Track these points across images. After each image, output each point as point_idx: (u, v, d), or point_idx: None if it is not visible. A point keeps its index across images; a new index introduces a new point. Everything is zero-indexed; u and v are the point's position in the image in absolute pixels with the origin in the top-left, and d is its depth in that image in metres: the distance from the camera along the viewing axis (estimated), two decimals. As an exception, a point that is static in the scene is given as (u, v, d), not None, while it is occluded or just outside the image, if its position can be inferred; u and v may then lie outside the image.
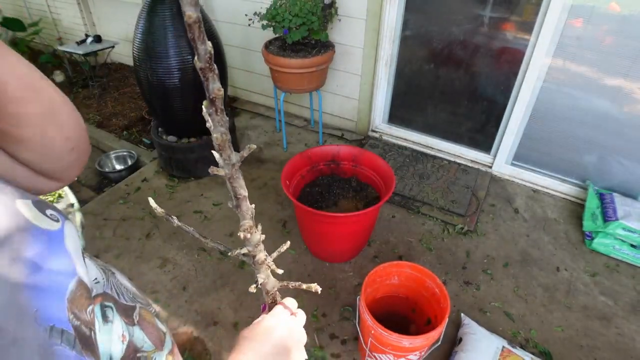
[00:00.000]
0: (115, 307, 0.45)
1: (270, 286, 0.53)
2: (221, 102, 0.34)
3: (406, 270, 1.52)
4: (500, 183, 2.49)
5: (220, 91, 0.33)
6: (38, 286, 0.31)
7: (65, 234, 0.38)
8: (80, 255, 0.39)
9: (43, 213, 0.37)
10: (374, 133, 2.89)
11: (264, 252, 0.49)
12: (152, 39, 2.10)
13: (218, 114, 0.34)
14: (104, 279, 0.47)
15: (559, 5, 1.93)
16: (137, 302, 0.52)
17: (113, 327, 0.42)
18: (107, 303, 0.43)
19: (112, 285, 0.48)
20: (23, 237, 0.32)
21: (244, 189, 0.42)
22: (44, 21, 4.23)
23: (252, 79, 3.21)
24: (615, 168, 2.21)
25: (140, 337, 0.47)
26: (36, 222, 0.35)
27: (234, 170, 0.39)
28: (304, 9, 2.19)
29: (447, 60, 2.45)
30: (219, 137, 0.35)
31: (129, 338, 0.45)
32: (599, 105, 2.10)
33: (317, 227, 1.82)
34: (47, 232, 0.35)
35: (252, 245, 0.47)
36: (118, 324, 0.44)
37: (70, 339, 0.32)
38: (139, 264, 1.97)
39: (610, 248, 1.98)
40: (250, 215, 0.45)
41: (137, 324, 0.48)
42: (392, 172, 1.80)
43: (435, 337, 1.31)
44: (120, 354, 0.42)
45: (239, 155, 0.38)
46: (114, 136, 2.99)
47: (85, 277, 0.38)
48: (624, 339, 1.66)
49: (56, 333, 0.31)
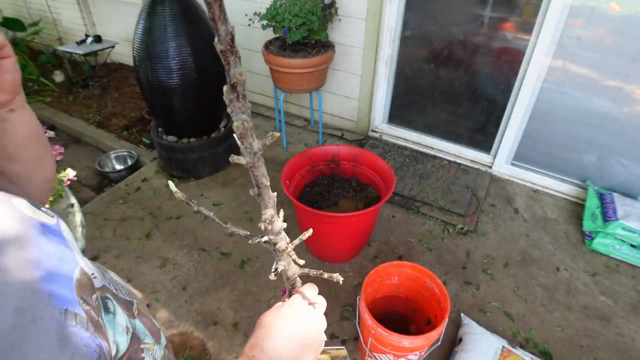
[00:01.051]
0: (115, 300, 0.46)
1: (291, 273, 0.53)
2: (243, 87, 0.32)
3: (406, 270, 1.52)
4: (500, 183, 2.49)
5: (242, 76, 0.31)
6: (48, 273, 0.33)
7: (61, 227, 0.40)
8: (77, 248, 0.42)
9: (39, 209, 0.39)
10: (374, 133, 2.89)
11: (285, 240, 0.49)
12: (152, 39, 2.10)
13: (240, 100, 0.32)
14: (100, 274, 0.48)
15: (559, 5, 1.93)
16: (133, 298, 0.53)
17: (117, 319, 0.43)
18: (107, 295, 0.45)
19: (108, 281, 0.50)
20: (27, 230, 0.34)
21: (266, 177, 0.41)
22: (44, 21, 4.23)
23: (252, 79, 3.21)
24: (615, 168, 2.21)
25: (141, 329, 0.49)
26: (36, 216, 0.37)
27: (255, 159, 0.37)
28: (304, 9, 2.19)
29: (447, 60, 2.45)
30: (240, 125, 0.33)
31: (132, 330, 0.46)
32: (599, 105, 2.10)
33: (317, 227, 1.81)
34: (47, 225, 0.37)
35: (274, 234, 0.47)
36: (121, 316, 0.45)
37: (83, 321, 0.33)
38: (139, 264, 1.97)
39: (610, 248, 1.98)
40: (272, 203, 0.44)
41: (137, 317, 0.50)
42: (392, 172, 1.80)
43: (435, 337, 1.31)
44: (126, 345, 0.43)
45: (260, 143, 0.36)
46: (114, 136, 2.99)
47: (85, 268, 0.40)
48: (624, 339, 1.66)
49: (70, 315, 0.32)
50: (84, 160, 2.82)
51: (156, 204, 2.33)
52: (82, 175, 2.66)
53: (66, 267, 0.36)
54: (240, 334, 1.66)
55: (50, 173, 0.56)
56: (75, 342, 0.31)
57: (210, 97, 2.36)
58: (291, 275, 0.54)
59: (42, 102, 3.44)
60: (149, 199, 2.37)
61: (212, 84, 2.30)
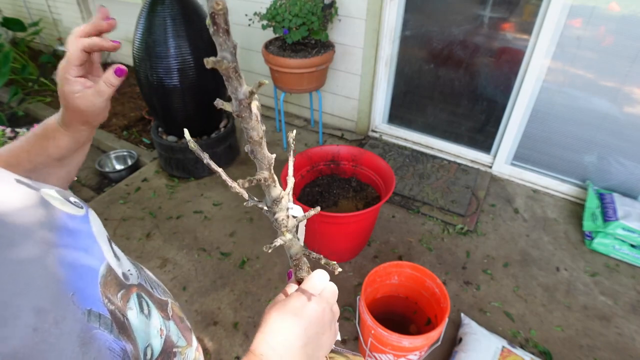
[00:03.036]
0: (150, 300, 0.44)
1: (294, 251, 0.48)
2: (223, 19, 0.28)
3: (406, 270, 1.52)
4: (500, 183, 2.49)
5: (218, 5, 0.27)
6: (72, 269, 0.31)
7: (90, 219, 0.38)
8: (107, 241, 0.40)
9: (67, 200, 0.38)
10: (374, 133, 2.89)
11: (285, 212, 0.43)
12: (152, 38, 2.10)
13: (221, 34, 0.29)
14: (137, 271, 0.46)
15: (558, 5, 1.93)
16: (167, 297, 0.51)
17: (152, 321, 0.42)
18: (143, 294, 0.43)
19: (144, 278, 0.48)
20: (53, 222, 0.33)
21: (258, 131, 0.36)
22: (44, 21, 4.23)
23: (252, 79, 3.21)
24: (615, 168, 2.21)
25: (175, 332, 0.47)
26: (63, 207, 0.35)
27: (241, 107, 0.33)
28: (304, 9, 2.20)
29: (447, 60, 2.45)
30: (223, 63, 0.29)
31: (166, 332, 0.44)
32: (599, 105, 2.10)
33: (317, 227, 1.82)
34: (74, 217, 0.36)
35: (271, 201, 0.42)
36: (156, 318, 0.43)
37: (108, 322, 0.32)
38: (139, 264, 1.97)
39: (610, 248, 1.98)
40: (268, 165, 0.39)
41: (172, 319, 0.48)
42: (392, 172, 1.80)
43: (435, 337, 1.31)
44: (159, 348, 0.41)
45: (247, 90, 0.32)
46: (114, 136, 2.99)
47: (113, 263, 0.38)
48: (623, 339, 1.66)
49: (94, 317, 0.30)
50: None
51: (156, 204, 2.33)
52: (82, 175, 2.66)
53: (92, 262, 0.34)
54: (240, 334, 1.66)
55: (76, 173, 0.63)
56: (98, 345, 0.30)
57: (210, 96, 2.36)
58: (294, 253, 0.49)
59: (42, 102, 3.44)
60: (149, 199, 2.37)
61: (212, 84, 2.30)
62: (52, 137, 0.53)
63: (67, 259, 0.31)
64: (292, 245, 0.47)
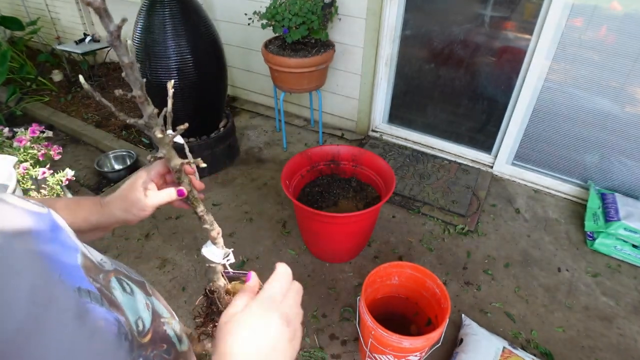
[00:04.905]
0: (130, 280, 0.47)
1: (174, 164, 0.53)
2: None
3: (406, 270, 1.51)
4: (501, 183, 2.48)
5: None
6: (52, 256, 0.33)
7: (53, 215, 0.40)
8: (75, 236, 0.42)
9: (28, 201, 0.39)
10: (374, 133, 2.88)
11: (160, 127, 0.49)
12: (151, 38, 2.09)
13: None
14: (109, 260, 0.49)
15: (560, 4, 1.92)
16: (143, 279, 0.55)
17: (136, 297, 0.44)
18: (121, 277, 0.46)
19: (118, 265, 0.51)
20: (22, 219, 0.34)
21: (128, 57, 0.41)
22: (43, 20, 4.21)
23: (251, 79, 3.19)
24: (617, 168, 2.20)
25: (158, 305, 0.50)
26: (26, 206, 0.37)
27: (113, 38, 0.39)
28: (303, 8, 2.18)
29: (447, 59, 2.44)
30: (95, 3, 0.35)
31: (152, 306, 0.47)
32: (601, 104, 2.09)
33: (317, 227, 1.81)
34: (39, 214, 0.38)
35: (147, 117, 0.47)
36: (140, 295, 0.46)
37: (97, 297, 0.34)
38: (138, 264, 1.96)
39: (612, 248, 1.97)
40: (140, 86, 0.44)
41: (152, 295, 0.51)
42: (392, 172, 1.79)
43: (436, 337, 1.30)
44: (150, 319, 0.44)
45: (116, 24, 0.38)
46: (112, 136, 2.98)
47: (87, 252, 0.41)
48: (625, 340, 1.65)
49: (84, 293, 0.33)
50: (82, 160, 2.80)
51: (155, 204, 2.32)
52: (81, 175, 2.65)
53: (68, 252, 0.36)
54: (239, 335, 1.65)
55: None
56: (94, 316, 0.32)
57: (210, 97, 2.35)
58: (174, 166, 0.53)
59: (41, 102, 3.43)
60: (148, 199, 2.36)
61: (211, 84, 2.29)
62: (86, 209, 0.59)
63: (46, 250, 0.33)
64: (171, 158, 0.52)
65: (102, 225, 0.60)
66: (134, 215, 0.59)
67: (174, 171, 0.55)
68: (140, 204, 0.58)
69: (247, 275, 0.50)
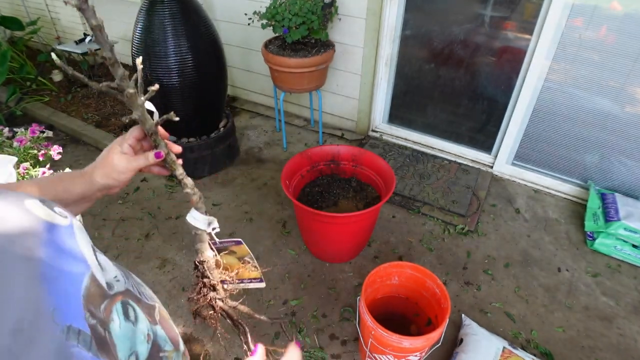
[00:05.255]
0: (137, 306, 0.44)
1: (148, 126, 0.53)
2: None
3: (406, 270, 1.50)
4: (501, 183, 2.48)
5: None
6: (54, 281, 0.31)
7: (74, 229, 0.38)
8: (92, 251, 0.40)
9: (52, 210, 0.37)
10: (374, 133, 2.87)
11: (133, 89, 0.49)
12: (150, 38, 2.09)
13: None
14: (124, 277, 0.46)
15: (560, 4, 1.92)
16: (155, 302, 0.52)
17: (138, 326, 0.42)
18: (130, 301, 0.43)
19: (132, 284, 0.48)
20: (36, 233, 0.33)
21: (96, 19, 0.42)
22: (43, 20, 4.21)
23: (251, 79, 3.19)
24: (617, 168, 2.20)
25: (162, 336, 0.47)
26: (47, 218, 0.35)
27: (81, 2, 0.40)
28: (303, 8, 2.18)
29: (447, 59, 2.44)
30: None
31: (153, 338, 0.44)
32: (601, 104, 2.09)
33: (317, 227, 1.81)
34: (58, 227, 0.36)
35: (119, 79, 0.47)
36: (143, 323, 0.43)
37: (87, 339, 0.31)
38: (138, 264, 1.96)
39: (612, 248, 1.97)
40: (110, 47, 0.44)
41: (159, 323, 0.48)
42: (393, 172, 1.79)
43: (436, 337, 1.30)
44: (146, 354, 0.41)
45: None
46: (112, 136, 2.98)
47: (98, 273, 0.38)
48: (625, 340, 1.65)
49: (73, 333, 0.30)
50: (82, 160, 2.80)
51: (155, 204, 2.32)
52: (81, 175, 2.65)
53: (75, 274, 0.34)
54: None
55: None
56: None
57: (210, 97, 2.35)
58: (149, 128, 0.54)
59: (41, 102, 3.43)
60: (148, 199, 2.36)
61: (211, 84, 2.29)
62: (69, 181, 0.59)
63: (50, 273, 0.31)
64: (145, 120, 0.53)
65: (87, 195, 0.60)
66: (114, 179, 0.59)
67: (149, 134, 0.55)
68: (119, 167, 0.58)
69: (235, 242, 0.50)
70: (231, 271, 0.68)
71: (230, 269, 0.69)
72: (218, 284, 0.64)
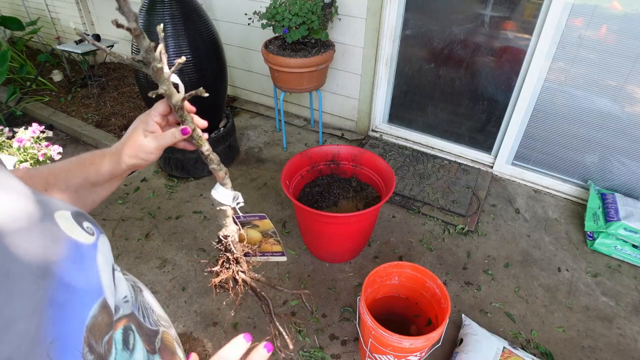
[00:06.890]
0: (139, 332, 0.42)
1: (175, 100, 0.52)
2: None
3: (406, 270, 1.50)
4: (501, 183, 2.48)
5: None
6: (61, 307, 0.29)
7: (98, 248, 0.37)
8: (110, 271, 0.38)
9: (80, 225, 0.36)
10: (374, 133, 2.87)
11: (159, 62, 0.48)
12: (150, 38, 2.08)
13: None
14: (133, 297, 0.45)
15: (560, 4, 1.92)
16: (160, 326, 0.49)
17: (134, 356, 0.40)
18: (132, 326, 0.41)
19: (139, 305, 0.46)
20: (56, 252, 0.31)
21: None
22: (43, 20, 4.21)
23: (251, 79, 3.19)
24: (617, 168, 2.20)
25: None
26: (71, 234, 0.34)
27: None
28: (303, 8, 2.18)
29: (447, 59, 2.44)
30: None
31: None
32: (601, 104, 2.09)
33: (317, 227, 1.81)
34: (81, 246, 0.34)
35: (144, 52, 0.46)
36: (140, 353, 0.41)
37: None
38: (138, 264, 1.96)
39: (612, 248, 1.97)
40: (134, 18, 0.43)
41: (158, 352, 0.46)
42: (393, 172, 1.79)
43: (436, 337, 1.30)
44: None
45: None
46: (112, 136, 2.98)
47: (110, 298, 0.36)
48: (625, 340, 1.65)
49: None
50: (82, 160, 2.80)
51: (155, 204, 2.32)
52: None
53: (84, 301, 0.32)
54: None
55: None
56: None
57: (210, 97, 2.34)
58: (175, 102, 0.52)
59: (41, 102, 3.43)
60: (148, 199, 2.36)
61: (211, 84, 2.29)
62: (97, 163, 0.58)
63: (60, 297, 0.30)
64: (172, 94, 0.51)
65: (116, 175, 0.59)
66: (142, 159, 0.58)
67: (176, 109, 0.53)
68: (146, 148, 0.57)
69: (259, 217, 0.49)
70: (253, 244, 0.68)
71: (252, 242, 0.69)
72: (241, 257, 0.63)
